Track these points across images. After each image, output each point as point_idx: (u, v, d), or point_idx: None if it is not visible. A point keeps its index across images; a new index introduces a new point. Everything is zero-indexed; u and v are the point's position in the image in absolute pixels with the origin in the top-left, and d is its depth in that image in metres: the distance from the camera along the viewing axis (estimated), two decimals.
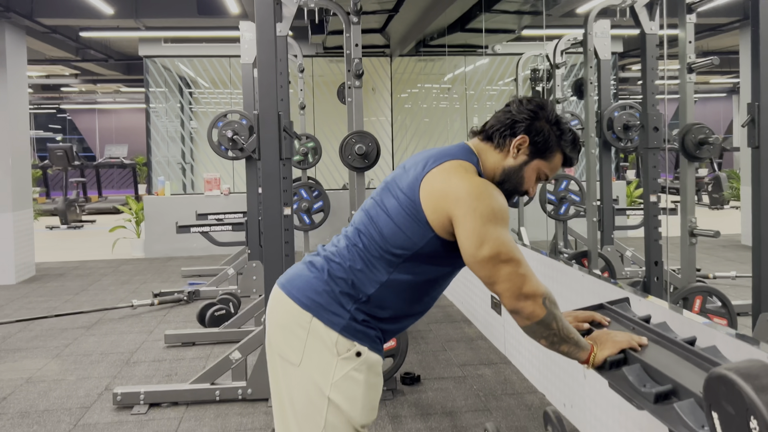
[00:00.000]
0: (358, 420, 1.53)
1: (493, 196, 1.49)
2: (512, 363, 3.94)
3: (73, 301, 5.80)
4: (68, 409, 3.37)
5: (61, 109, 17.83)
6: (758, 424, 1.02)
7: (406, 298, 1.58)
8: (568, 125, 1.67)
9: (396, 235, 1.52)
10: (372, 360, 1.54)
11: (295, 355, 1.54)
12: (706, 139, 3.62)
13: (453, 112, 9.19)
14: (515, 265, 1.47)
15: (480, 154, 1.63)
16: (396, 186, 1.58)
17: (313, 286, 1.55)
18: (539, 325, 1.50)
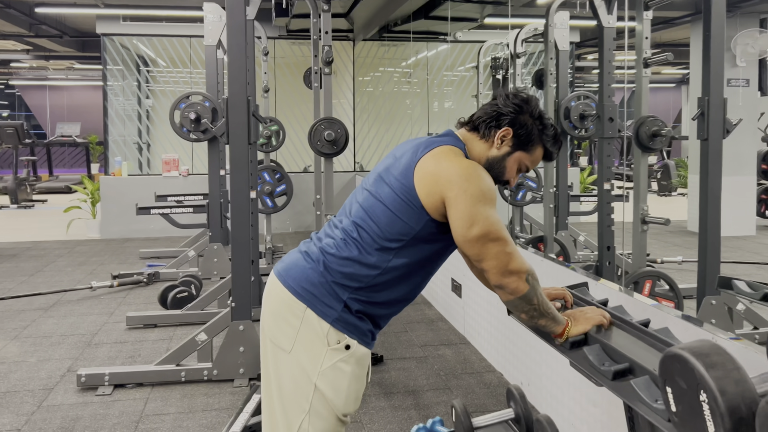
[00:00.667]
0: (341, 408, 1.60)
1: (482, 177, 1.57)
2: (471, 343, 4.08)
3: (28, 282, 5.70)
4: (31, 391, 3.35)
5: (9, 84, 17.22)
6: (707, 397, 1.13)
7: (402, 282, 1.64)
8: (551, 121, 1.76)
9: (394, 223, 1.59)
10: (360, 353, 1.61)
11: (287, 342, 1.60)
12: (659, 131, 3.79)
13: (414, 96, 9.27)
14: (503, 243, 1.56)
15: (467, 142, 1.71)
16: (390, 174, 1.64)
17: (309, 277, 1.60)
18: (521, 300, 1.60)
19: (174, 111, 5.12)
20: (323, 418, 1.58)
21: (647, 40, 3.87)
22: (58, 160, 15.69)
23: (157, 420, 3.02)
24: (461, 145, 1.67)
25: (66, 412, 3.11)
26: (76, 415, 3.07)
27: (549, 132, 1.72)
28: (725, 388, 1.11)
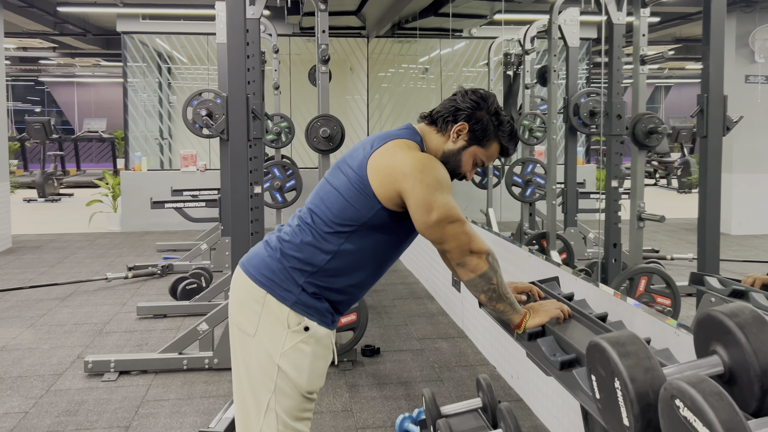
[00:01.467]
0: (304, 386, 1.69)
1: (436, 167, 1.66)
2: (468, 337, 4.15)
3: (48, 273, 5.91)
4: (41, 376, 3.52)
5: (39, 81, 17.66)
6: (620, 384, 1.20)
7: (356, 269, 1.72)
8: (507, 118, 1.82)
9: (345, 209, 1.67)
10: (320, 334, 1.69)
11: (251, 327, 1.70)
12: (656, 128, 3.80)
13: (429, 92, 9.32)
14: (461, 224, 1.64)
15: (424, 135, 1.78)
16: (346, 165, 1.73)
17: (268, 264, 1.70)
18: (481, 278, 1.67)
19: (186, 108, 5.25)
20: (288, 396, 1.67)
21: (644, 38, 3.88)
22: (85, 155, 16.07)
23: (156, 405, 3.16)
24: (417, 139, 1.75)
25: (72, 396, 3.26)
26: (81, 399, 3.22)
27: (504, 128, 1.79)
28: (635, 376, 1.18)
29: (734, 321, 1.22)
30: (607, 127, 4.43)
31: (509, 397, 3.27)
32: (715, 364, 1.26)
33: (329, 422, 2.99)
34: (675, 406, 1.05)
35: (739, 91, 6.71)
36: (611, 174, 4.51)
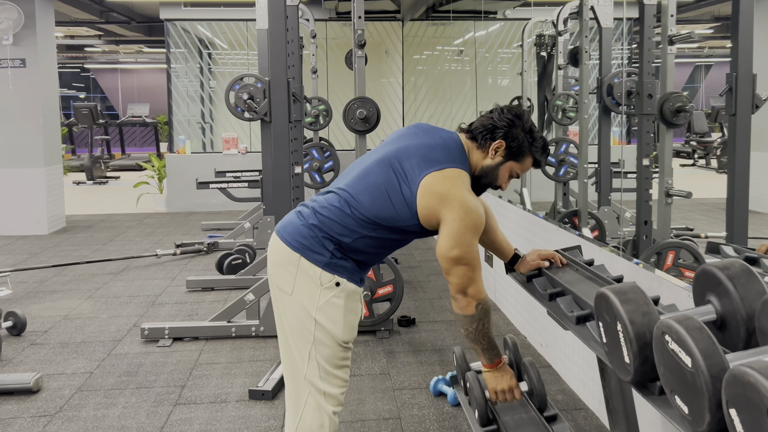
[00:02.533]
0: (340, 337, 1.91)
1: (479, 213, 1.84)
2: (500, 309, 4.32)
3: (101, 250, 6.26)
4: (102, 342, 3.82)
5: (84, 68, 18.22)
6: (621, 327, 1.38)
7: (375, 250, 1.94)
8: (540, 134, 2.01)
9: (386, 209, 1.86)
10: (350, 289, 1.91)
11: (288, 286, 1.92)
12: (684, 107, 3.89)
13: (464, 74, 9.41)
14: (471, 269, 1.85)
15: (468, 151, 1.97)
16: (399, 166, 1.88)
17: (301, 231, 1.90)
18: (465, 318, 1.90)
19: (229, 92, 5.49)
20: (327, 345, 1.89)
21: (672, 18, 3.96)
22: (129, 139, 16.58)
23: (209, 368, 3.42)
24: (467, 165, 1.93)
25: (131, 359, 3.55)
26: (139, 362, 3.50)
27: (538, 144, 1.96)
28: (634, 319, 1.36)
29: (725, 273, 1.39)
30: (638, 106, 4.52)
31: (539, 363, 3.45)
32: (708, 312, 1.42)
33: (368, 384, 3.21)
34: (665, 340, 1.22)
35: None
36: (642, 152, 4.61)
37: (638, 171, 4.61)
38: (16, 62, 6.84)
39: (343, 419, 2.85)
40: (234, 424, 2.81)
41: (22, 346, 3.74)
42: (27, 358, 3.58)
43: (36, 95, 6.93)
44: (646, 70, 4.44)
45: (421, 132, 2.01)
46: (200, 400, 3.05)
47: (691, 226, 6.84)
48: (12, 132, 6.90)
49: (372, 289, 3.77)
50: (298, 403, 1.94)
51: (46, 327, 4.07)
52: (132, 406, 2.99)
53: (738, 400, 1.01)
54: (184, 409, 2.96)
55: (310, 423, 1.92)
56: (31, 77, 6.90)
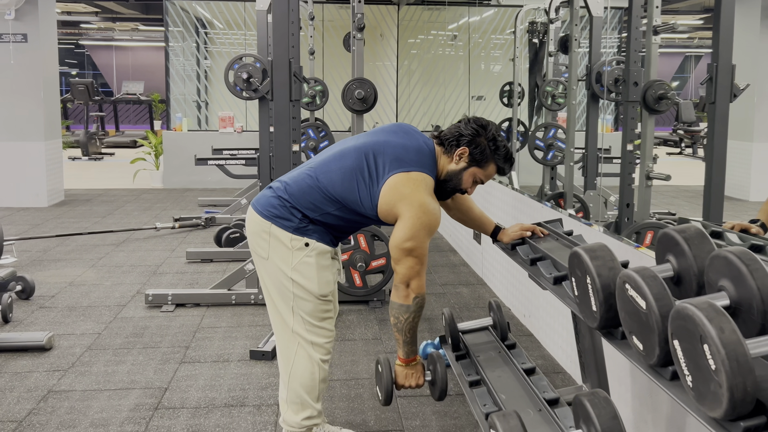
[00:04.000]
0: (317, 291, 2.12)
1: (435, 214, 2.04)
2: (487, 284, 4.55)
3: (101, 223, 6.43)
4: (108, 306, 4.01)
5: (79, 44, 18.18)
6: (590, 280, 1.59)
7: (339, 224, 2.15)
8: (504, 143, 2.17)
9: (351, 193, 2.08)
10: (320, 248, 2.11)
11: (264, 252, 2.14)
12: (665, 95, 4.10)
13: (457, 59, 9.58)
14: (419, 263, 2.05)
15: (438, 157, 2.16)
16: (373, 160, 2.08)
17: (271, 202, 2.12)
18: (401, 307, 2.08)
19: (228, 71, 5.64)
20: (306, 300, 2.12)
21: (658, 9, 4.15)
22: (123, 117, 16.62)
23: (211, 331, 3.63)
24: (434, 173, 2.12)
25: (136, 323, 3.74)
26: (144, 325, 3.70)
27: (500, 152, 2.15)
28: (601, 272, 1.57)
29: (681, 235, 1.60)
30: (624, 93, 4.72)
31: (521, 332, 3.68)
32: (667, 269, 1.64)
33: (361, 347, 3.43)
34: (625, 288, 1.44)
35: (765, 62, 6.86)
36: (626, 138, 4.82)
37: (622, 156, 4.82)
38: (17, 37, 6.94)
39: (339, 377, 3.07)
40: (237, 380, 3.02)
41: (32, 309, 3.93)
42: (37, 319, 3.76)
43: (37, 70, 7.05)
44: (633, 58, 4.64)
45: (401, 132, 2.20)
46: (204, 359, 3.25)
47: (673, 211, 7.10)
48: (13, 106, 7.02)
49: (366, 262, 3.97)
50: (289, 354, 2.17)
51: (53, 292, 4.25)
52: (140, 364, 3.18)
53: (680, 332, 1.23)
54: (189, 366, 3.16)
55: (301, 371, 2.15)
56: (32, 52, 7.01)
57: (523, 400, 2.07)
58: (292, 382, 2.17)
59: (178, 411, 2.72)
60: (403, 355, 2.18)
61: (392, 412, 2.75)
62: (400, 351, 2.18)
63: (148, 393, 2.88)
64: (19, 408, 2.72)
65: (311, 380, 2.16)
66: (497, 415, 1.64)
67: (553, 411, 1.95)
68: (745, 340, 1.12)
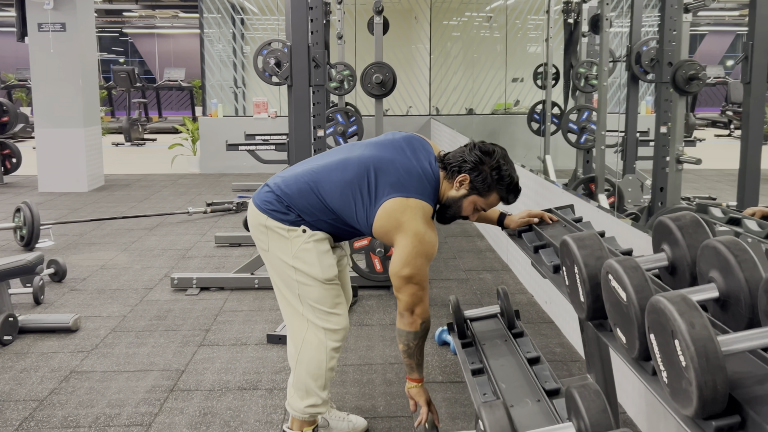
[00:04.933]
0: (320, 276, 2.11)
1: (431, 243, 2.02)
2: (512, 270, 4.49)
3: (137, 207, 6.58)
4: (135, 289, 4.11)
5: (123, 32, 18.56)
6: (577, 269, 1.55)
7: (332, 234, 2.15)
8: (509, 172, 2.07)
9: (347, 208, 2.06)
10: (318, 236, 2.11)
11: (264, 245, 2.15)
12: (696, 75, 3.95)
13: (493, 41, 9.42)
14: (420, 289, 2.03)
15: (441, 181, 2.11)
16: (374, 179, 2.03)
17: (269, 198, 2.11)
18: (408, 334, 2.08)
19: (257, 57, 5.67)
20: (312, 286, 2.11)
21: None
22: (166, 103, 16.93)
23: (232, 315, 3.68)
24: (433, 201, 2.08)
25: (161, 305, 3.83)
26: (168, 308, 3.78)
27: (504, 182, 2.07)
28: (588, 262, 1.52)
29: (676, 224, 1.54)
30: (657, 74, 4.57)
31: (542, 319, 3.62)
32: (661, 259, 1.59)
33: (378, 333, 3.43)
34: (608, 279, 1.39)
35: None
36: (660, 120, 4.67)
37: (656, 138, 4.68)
38: (56, 26, 7.11)
39: (352, 362, 3.08)
40: (252, 363, 3.06)
41: (63, 291, 4.06)
42: (67, 301, 3.88)
43: (75, 58, 7.22)
44: (667, 38, 4.48)
45: (410, 150, 2.12)
46: (222, 342, 3.31)
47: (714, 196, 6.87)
48: (53, 94, 7.22)
49: (386, 247, 3.96)
50: (297, 340, 2.18)
51: (84, 275, 4.38)
52: (160, 346, 3.26)
53: (655, 326, 1.18)
54: (207, 349, 3.22)
55: (309, 358, 2.16)
56: (70, 41, 7.18)
57: (522, 390, 2.04)
58: (299, 369, 2.19)
59: (192, 393, 2.78)
60: (417, 376, 2.19)
61: (402, 399, 2.75)
62: (415, 374, 2.18)
63: (165, 375, 2.95)
64: (42, 388, 2.82)
65: (318, 368, 2.17)
66: (484, 406, 1.63)
67: (552, 402, 1.91)
68: (718, 337, 1.08)
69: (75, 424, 2.53)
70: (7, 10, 14.53)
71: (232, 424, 2.54)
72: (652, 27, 8.91)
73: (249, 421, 2.57)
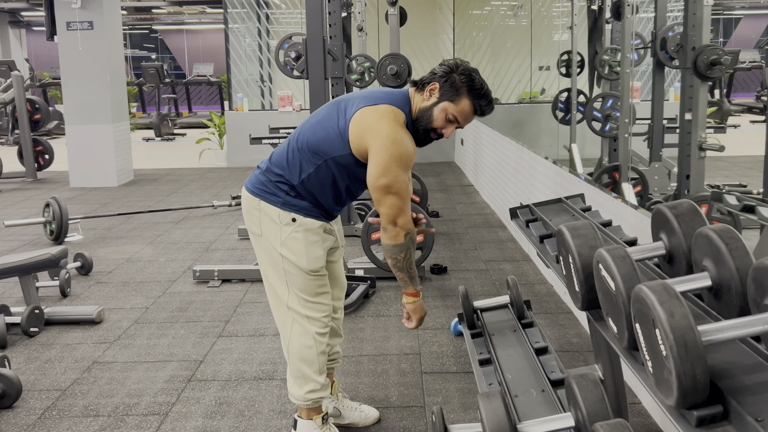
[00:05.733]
0: (306, 266, 2.13)
1: (405, 145, 2.01)
2: (532, 261, 4.46)
3: (164, 201, 6.70)
4: (158, 282, 4.20)
5: (153, 29, 18.84)
6: (571, 258, 1.54)
7: (320, 193, 2.13)
8: (480, 80, 2.07)
9: (323, 141, 2.07)
10: (307, 224, 2.12)
11: (257, 228, 2.17)
12: (719, 60, 3.86)
13: (519, 29, 9.31)
14: (399, 199, 2.02)
15: (413, 100, 2.11)
16: (343, 109, 2.09)
17: (259, 179, 2.15)
18: (395, 247, 2.08)
19: (279, 50, 5.71)
20: (296, 275, 2.13)
21: None
22: (195, 98, 17.14)
23: (251, 306, 3.74)
24: (407, 109, 2.08)
25: (183, 297, 3.91)
26: (190, 300, 3.86)
27: (474, 87, 2.05)
28: (581, 251, 1.52)
29: (673, 212, 1.53)
30: (681, 59, 4.47)
31: (561, 310, 3.60)
32: (659, 248, 1.57)
33: (394, 323, 3.45)
34: (599, 268, 1.38)
35: None
36: (685, 107, 4.58)
37: (680, 125, 4.59)
38: (84, 24, 7.26)
39: (367, 353, 3.11)
40: (268, 354, 3.11)
41: (89, 284, 4.16)
42: (92, 294, 3.99)
43: (103, 56, 7.36)
44: (691, 22, 4.37)
45: (376, 89, 2.21)
46: (241, 333, 3.37)
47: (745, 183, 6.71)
48: (82, 91, 7.38)
49: None
50: (285, 330, 2.22)
51: (110, 268, 4.49)
52: (180, 337, 3.33)
53: (639, 315, 1.18)
54: (226, 340, 3.28)
55: (298, 345, 2.19)
56: (98, 39, 7.32)
57: (528, 380, 2.04)
58: (292, 357, 2.22)
59: (209, 383, 2.84)
60: (413, 289, 2.21)
61: (416, 389, 2.77)
62: (410, 287, 2.20)
63: (183, 365, 3.02)
64: (65, 378, 2.91)
65: (309, 354, 2.20)
66: (481, 396, 1.63)
67: (556, 392, 1.92)
68: (699, 326, 1.07)
69: (95, 413, 2.61)
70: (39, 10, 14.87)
71: (246, 413, 2.59)
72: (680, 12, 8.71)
73: (263, 410, 2.61)
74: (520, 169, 5.02)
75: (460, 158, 8.91)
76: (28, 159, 8.13)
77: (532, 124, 8.16)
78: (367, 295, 3.82)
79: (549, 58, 8.80)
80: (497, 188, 5.96)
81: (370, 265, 4.04)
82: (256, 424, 2.51)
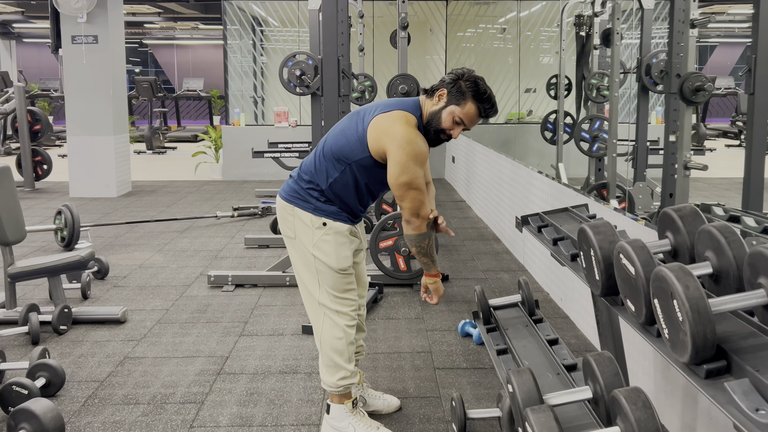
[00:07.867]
0: (336, 266, 2.39)
1: (419, 144, 2.28)
2: (528, 270, 4.74)
3: (165, 211, 6.88)
4: (174, 286, 4.39)
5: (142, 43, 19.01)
6: (593, 252, 1.80)
7: (346, 195, 2.38)
8: (483, 84, 2.34)
9: (345, 147, 2.33)
10: (336, 227, 2.38)
11: (291, 232, 2.43)
12: (703, 86, 4.20)
13: (506, 52, 9.70)
14: (419, 193, 2.29)
15: (423, 106, 2.39)
16: (361, 118, 2.36)
17: (292, 187, 2.42)
18: (419, 236, 2.35)
19: (282, 68, 5.97)
20: (328, 274, 2.39)
21: (694, 3, 4.25)
22: (184, 112, 17.32)
23: (267, 309, 3.95)
24: (418, 113, 2.35)
25: (200, 300, 4.11)
26: (207, 303, 4.06)
27: (479, 92, 2.32)
28: (602, 245, 1.78)
29: (678, 214, 1.80)
30: (665, 85, 4.81)
31: (558, 315, 3.87)
32: (665, 244, 1.84)
33: (404, 325, 3.69)
34: (619, 257, 1.65)
35: None
36: (669, 129, 4.91)
37: (665, 147, 4.92)
38: (89, 39, 7.46)
39: (381, 351, 3.34)
40: (290, 351, 3.33)
41: (107, 288, 4.34)
42: (112, 297, 4.17)
43: (106, 69, 7.56)
44: (675, 50, 4.72)
45: (388, 99, 2.49)
46: (261, 333, 3.58)
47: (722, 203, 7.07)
48: (86, 103, 7.55)
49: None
50: (317, 324, 2.47)
51: (124, 273, 4.67)
52: (204, 336, 3.53)
53: (658, 291, 1.44)
54: (247, 339, 3.49)
55: (329, 336, 2.43)
56: (102, 53, 7.52)
57: (543, 366, 2.30)
58: (324, 348, 2.46)
59: (238, 376, 3.05)
60: (435, 270, 2.50)
61: (430, 382, 3.00)
62: (433, 269, 2.49)
63: (211, 360, 3.22)
64: (100, 371, 3.10)
65: (339, 344, 2.44)
66: (513, 372, 1.88)
67: (570, 375, 2.17)
68: (708, 298, 1.33)
69: (135, 401, 2.80)
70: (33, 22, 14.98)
71: (276, 402, 2.80)
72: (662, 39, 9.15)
73: (292, 399, 2.83)
74: (515, 185, 5.31)
75: (450, 175, 9.20)
76: (27, 169, 8.25)
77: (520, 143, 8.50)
78: (375, 300, 4.05)
79: (537, 81, 9.17)
80: (491, 203, 6.25)
81: (378, 272, 4.28)
82: (288, 411, 2.73)
